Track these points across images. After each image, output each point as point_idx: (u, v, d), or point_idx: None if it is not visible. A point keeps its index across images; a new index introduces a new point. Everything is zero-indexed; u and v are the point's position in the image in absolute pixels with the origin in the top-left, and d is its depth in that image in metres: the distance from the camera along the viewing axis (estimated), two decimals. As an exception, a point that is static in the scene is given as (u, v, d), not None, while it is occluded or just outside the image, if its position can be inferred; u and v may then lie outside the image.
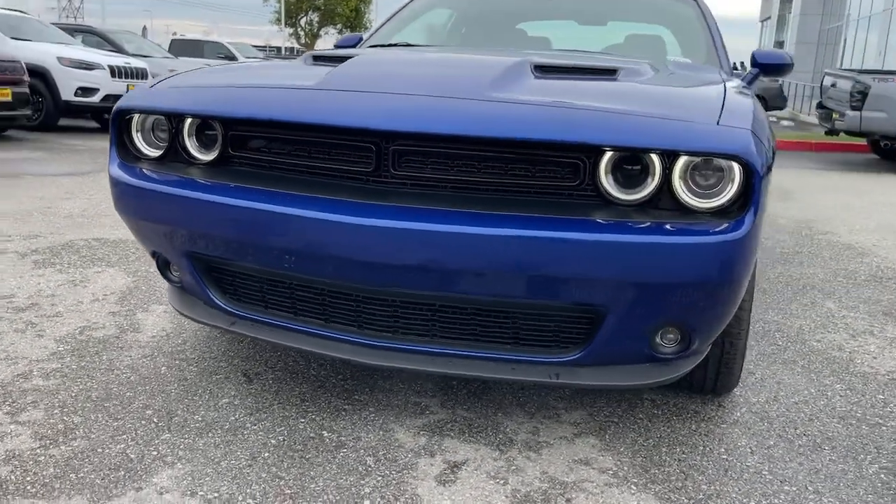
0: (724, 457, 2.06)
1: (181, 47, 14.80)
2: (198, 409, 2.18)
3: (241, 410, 2.18)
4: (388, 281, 1.88)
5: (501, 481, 1.88)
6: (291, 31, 49.45)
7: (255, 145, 2.09)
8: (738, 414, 2.32)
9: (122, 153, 2.24)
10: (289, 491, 1.79)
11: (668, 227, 1.77)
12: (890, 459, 2.08)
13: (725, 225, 1.78)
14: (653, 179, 1.83)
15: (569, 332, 1.94)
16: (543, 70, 2.22)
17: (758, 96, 2.77)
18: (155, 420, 2.10)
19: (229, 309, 2.20)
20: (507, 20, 4.21)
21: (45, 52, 9.44)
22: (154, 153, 2.22)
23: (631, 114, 1.83)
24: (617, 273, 1.77)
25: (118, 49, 11.64)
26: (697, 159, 1.82)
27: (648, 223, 1.77)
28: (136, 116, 2.23)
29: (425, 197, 1.89)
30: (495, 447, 2.04)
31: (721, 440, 2.15)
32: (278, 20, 46.77)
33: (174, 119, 2.17)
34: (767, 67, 3.31)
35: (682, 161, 1.81)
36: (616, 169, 1.86)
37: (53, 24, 11.90)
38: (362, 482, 1.84)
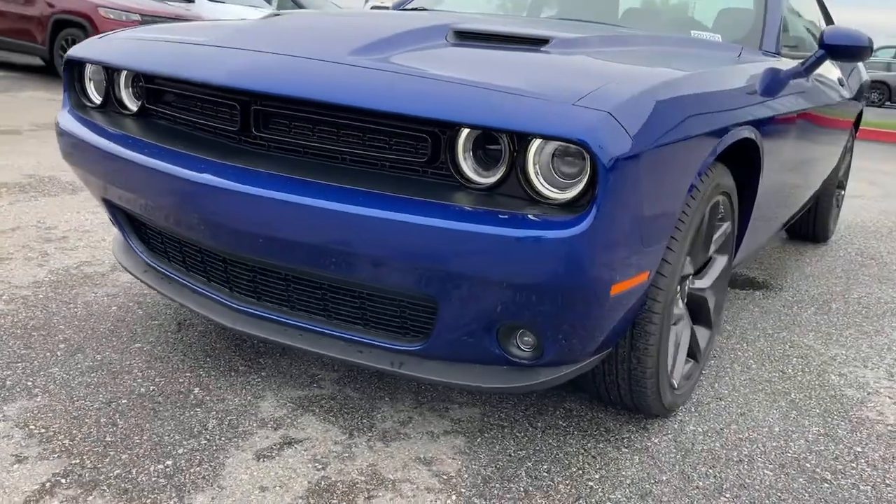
0: (591, 483, 1.82)
1: (376, 13, 15.31)
2: (105, 349, 2.27)
3: (142, 356, 2.24)
4: (236, 245, 1.83)
5: (320, 466, 1.79)
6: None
7: (166, 99, 2.11)
8: (657, 440, 2.04)
9: (73, 100, 2.36)
10: (109, 438, 1.82)
11: (493, 215, 1.57)
12: (795, 522, 1.74)
13: (564, 220, 1.55)
14: (503, 162, 1.64)
15: (414, 320, 1.79)
16: (462, 36, 2.04)
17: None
18: (59, 354, 2.21)
19: (143, 258, 2.26)
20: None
21: (234, 13, 10.17)
22: (98, 101, 2.32)
23: (488, 88, 1.63)
24: (435, 261, 1.60)
25: (307, 12, 12.26)
26: (557, 143, 1.60)
27: (475, 209, 1.58)
28: (87, 66, 2.34)
29: (286, 162, 1.81)
30: (348, 431, 1.95)
31: (606, 465, 1.90)
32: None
33: (110, 69, 2.25)
34: (837, 50, 2.81)
35: (536, 144, 1.60)
36: (477, 148, 1.68)
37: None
38: (184, 443, 1.83)
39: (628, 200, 1.58)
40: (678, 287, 2.10)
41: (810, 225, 4.31)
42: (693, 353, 2.28)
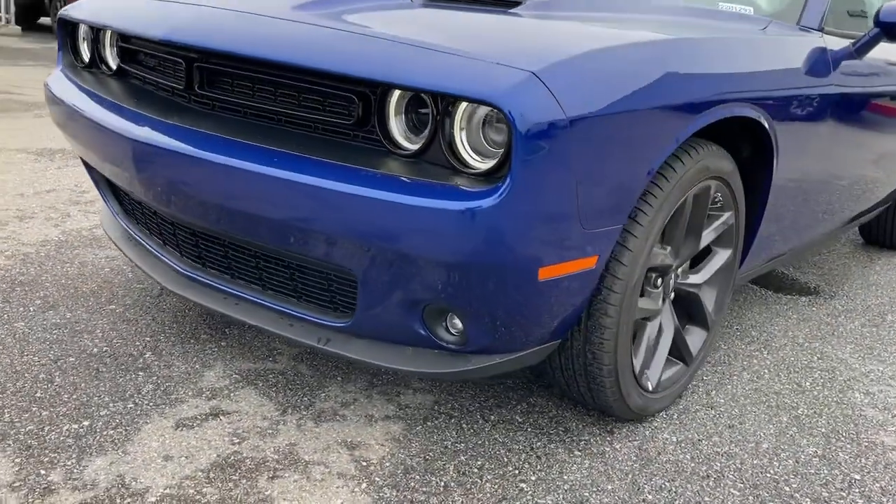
0: (523, 485, 1.66)
1: None
2: (79, 308, 2.27)
3: (111, 317, 2.23)
4: (172, 206, 1.78)
5: (237, 441, 1.71)
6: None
7: (137, 58, 2.08)
8: (618, 446, 1.85)
9: (67, 59, 2.37)
10: (39, 395, 1.80)
11: (401, 182, 1.44)
12: (743, 551, 1.53)
13: (477, 191, 1.40)
14: (429, 127, 1.50)
15: (342, 294, 1.69)
16: (431, -5, 1.92)
17: None
18: (31, 309, 2.23)
19: (119, 220, 2.25)
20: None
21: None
22: (87, 60, 2.32)
23: (407, 44, 1.51)
24: (343, 228, 1.50)
25: None
26: (488, 108, 1.46)
27: (383, 175, 1.46)
28: (81, 25, 2.34)
29: (226, 122, 1.75)
30: (283, 408, 1.86)
31: (548, 467, 1.73)
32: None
33: (94, 29, 2.24)
34: (893, 28, 2.49)
35: (462, 108, 1.46)
36: (410, 113, 1.56)
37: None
38: (110, 405, 1.79)
39: (555, 174, 1.42)
40: (657, 280, 1.90)
41: (887, 230, 3.91)
42: (681, 354, 2.07)
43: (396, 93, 1.53)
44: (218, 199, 1.64)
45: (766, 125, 1.98)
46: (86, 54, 2.33)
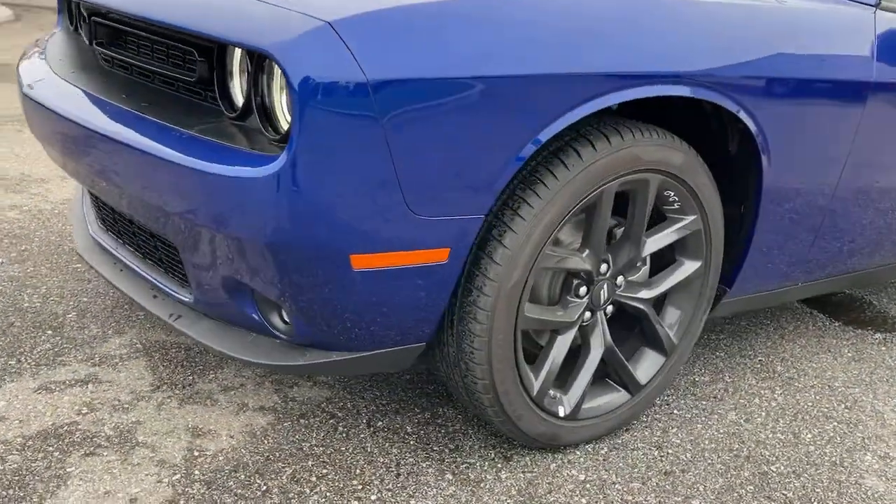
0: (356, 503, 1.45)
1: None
2: (45, 264, 2.32)
3: (67, 276, 2.25)
4: (64, 164, 1.75)
5: (84, 412, 1.64)
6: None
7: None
8: (504, 475, 1.59)
9: (65, 23, 2.42)
10: (-63, 342, 1.83)
11: (189, 143, 1.30)
12: None
13: (257, 158, 1.23)
14: (250, 86, 1.34)
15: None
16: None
17: None
18: (2, 260, 2.30)
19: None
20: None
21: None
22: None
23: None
24: (141, 192, 1.39)
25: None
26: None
27: (190, 137, 1.32)
28: (76, -8, 2.38)
29: (117, 80, 1.68)
30: (158, 385, 1.77)
31: (401, 488, 1.51)
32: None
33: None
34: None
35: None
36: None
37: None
38: (6, 377, 1.79)
39: (354, 145, 1.21)
40: (578, 287, 1.61)
41: None
42: (622, 381, 1.75)
43: (238, 51, 1.38)
44: (76, 155, 1.57)
45: (744, 115, 1.62)
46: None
